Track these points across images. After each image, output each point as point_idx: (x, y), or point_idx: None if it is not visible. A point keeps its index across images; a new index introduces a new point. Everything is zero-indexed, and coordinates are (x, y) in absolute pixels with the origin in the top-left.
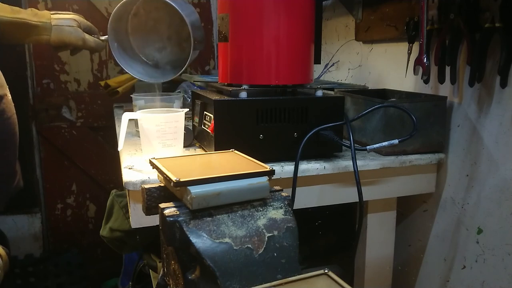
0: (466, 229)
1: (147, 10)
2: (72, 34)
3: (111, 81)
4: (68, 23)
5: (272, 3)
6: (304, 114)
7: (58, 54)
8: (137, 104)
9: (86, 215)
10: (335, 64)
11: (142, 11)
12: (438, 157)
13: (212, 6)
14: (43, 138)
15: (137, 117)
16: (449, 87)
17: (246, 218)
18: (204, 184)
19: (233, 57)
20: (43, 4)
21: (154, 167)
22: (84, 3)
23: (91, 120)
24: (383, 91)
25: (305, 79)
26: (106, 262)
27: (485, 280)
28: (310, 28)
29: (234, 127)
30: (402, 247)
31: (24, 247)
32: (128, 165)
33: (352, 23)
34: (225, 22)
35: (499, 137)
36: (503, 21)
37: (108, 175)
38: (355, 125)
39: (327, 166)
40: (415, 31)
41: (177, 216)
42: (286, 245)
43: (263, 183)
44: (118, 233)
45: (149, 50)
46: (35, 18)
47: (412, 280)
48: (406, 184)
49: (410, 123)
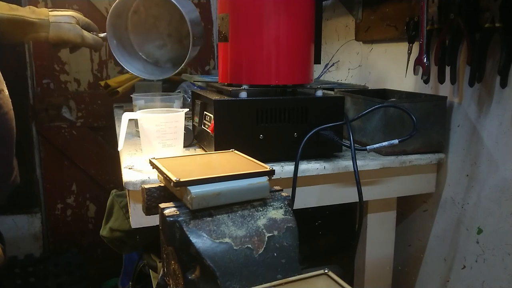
0: (466, 229)
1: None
2: (70, 31)
3: (111, 81)
4: (66, 20)
5: (272, 3)
6: (304, 114)
7: (58, 54)
8: (137, 104)
9: (86, 215)
10: (335, 64)
11: (142, 9)
12: (438, 157)
13: (212, 6)
14: (43, 138)
15: (137, 117)
16: (449, 87)
17: (246, 218)
18: (204, 184)
19: (233, 57)
20: (43, 4)
21: (154, 167)
22: (84, 3)
23: (91, 120)
24: (383, 91)
25: (305, 79)
26: (106, 262)
27: (485, 280)
28: (310, 28)
29: (234, 127)
30: (402, 247)
31: (24, 247)
32: (128, 165)
33: (352, 23)
34: (225, 22)
35: (499, 137)
36: (503, 21)
37: (108, 175)
38: (355, 125)
39: (327, 166)
40: (415, 31)
41: (177, 216)
42: (286, 245)
43: (263, 183)
44: (118, 233)
45: (149, 48)
46: (33, 15)
47: (412, 280)
48: (406, 184)
49: (410, 123)
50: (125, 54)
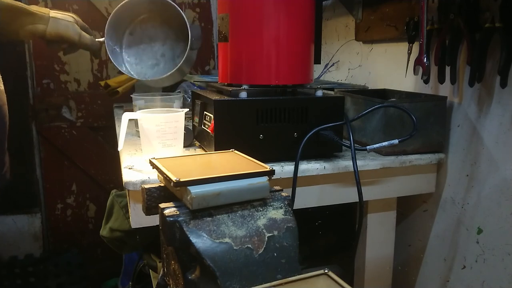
0: (466, 229)
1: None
2: (68, 27)
3: (111, 81)
4: (66, 17)
5: (272, 3)
6: (304, 114)
7: (58, 54)
8: (137, 104)
9: (86, 215)
10: (335, 64)
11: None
12: (438, 157)
13: (212, 6)
14: (43, 138)
15: (137, 117)
16: (449, 87)
17: (246, 218)
18: (204, 184)
19: (233, 57)
20: (43, 4)
21: (154, 167)
22: (84, 3)
23: (91, 120)
24: (383, 91)
25: (305, 79)
26: (106, 262)
27: (485, 280)
28: (310, 28)
29: (234, 127)
30: (402, 247)
31: (24, 247)
32: (128, 165)
33: (352, 23)
34: (225, 22)
35: (499, 137)
36: (503, 21)
37: (108, 175)
38: (355, 125)
39: (327, 166)
40: (415, 31)
41: (177, 216)
42: (286, 245)
43: (263, 183)
44: (118, 233)
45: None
46: (34, 7)
47: (412, 280)
48: (406, 184)
49: (410, 123)
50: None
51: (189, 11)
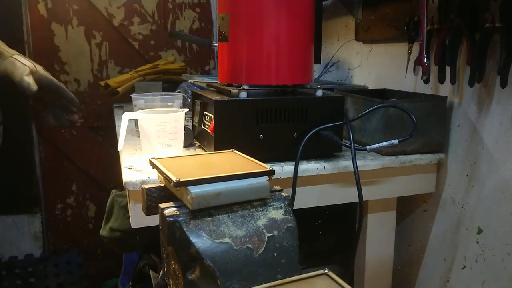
0: (466, 229)
1: None
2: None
3: (111, 81)
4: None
5: (272, 3)
6: (304, 114)
7: (58, 54)
8: (137, 104)
9: (86, 215)
10: (335, 64)
11: None
12: (438, 157)
13: (212, 6)
14: (43, 138)
15: (137, 117)
16: (449, 87)
17: (246, 218)
18: (204, 184)
19: (233, 57)
20: (43, 4)
21: (154, 167)
22: (84, 3)
23: (91, 120)
24: (383, 91)
25: (305, 79)
26: (106, 262)
27: (485, 280)
28: (310, 28)
29: (234, 127)
30: (402, 247)
31: (24, 247)
32: (128, 165)
33: (352, 23)
34: (225, 22)
35: (499, 137)
36: (503, 21)
37: (108, 175)
38: (355, 125)
39: (327, 166)
40: (415, 31)
41: (177, 216)
42: (286, 245)
43: (263, 183)
44: (118, 233)
45: None
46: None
47: (412, 280)
48: (406, 184)
49: (410, 123)
50: None
51: (189, 11)
